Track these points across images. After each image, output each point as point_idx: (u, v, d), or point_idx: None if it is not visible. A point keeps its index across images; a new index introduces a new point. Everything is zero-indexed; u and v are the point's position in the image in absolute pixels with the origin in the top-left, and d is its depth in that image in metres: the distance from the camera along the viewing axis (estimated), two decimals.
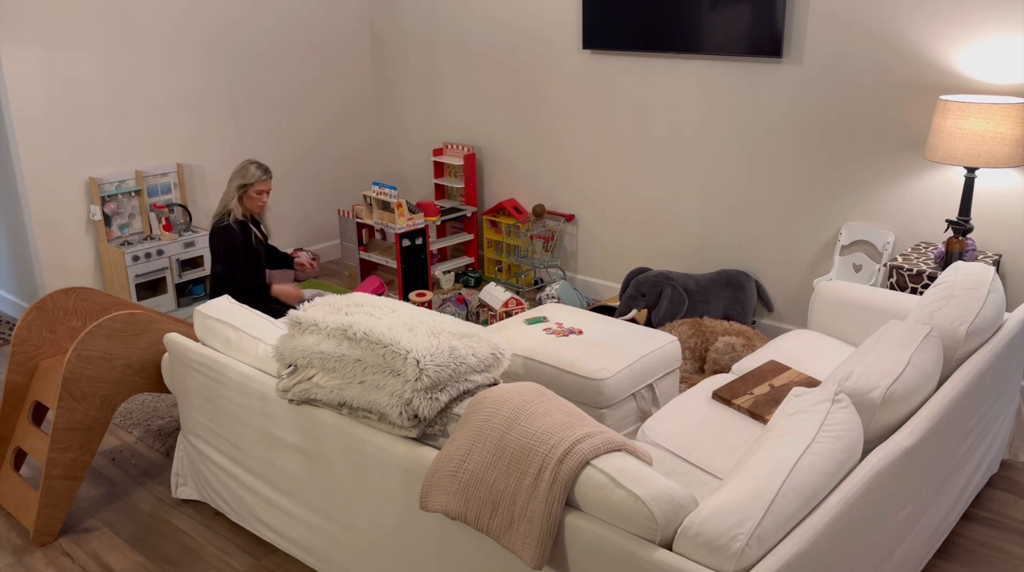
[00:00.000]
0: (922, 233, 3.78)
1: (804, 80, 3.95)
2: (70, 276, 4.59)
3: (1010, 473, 3.20)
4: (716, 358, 3.71)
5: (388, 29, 5.66)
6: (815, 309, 3.37)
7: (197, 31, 4.87)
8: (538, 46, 4.88)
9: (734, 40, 4.06)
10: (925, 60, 3.60)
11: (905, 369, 2.27)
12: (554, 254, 5.11)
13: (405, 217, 4.83)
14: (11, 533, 2.97)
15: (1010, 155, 3.22)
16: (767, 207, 4.22)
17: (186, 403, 2.92)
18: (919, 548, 2.44)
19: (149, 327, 3.02)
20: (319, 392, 2.38)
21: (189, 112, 4.93)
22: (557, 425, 1.97)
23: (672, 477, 2.43)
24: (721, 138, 4.29)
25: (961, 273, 2.84)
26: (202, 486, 3.00)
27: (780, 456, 1.88)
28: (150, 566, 2.79)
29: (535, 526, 1.88)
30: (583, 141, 4.84)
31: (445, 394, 2.21)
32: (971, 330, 2.58)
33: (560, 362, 3.05)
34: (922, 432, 2.21)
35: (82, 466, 2.94)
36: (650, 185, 4.62)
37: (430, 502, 2.07)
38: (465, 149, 5.32)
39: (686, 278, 4.15)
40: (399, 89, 5.74)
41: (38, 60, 4.28)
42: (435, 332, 2.30)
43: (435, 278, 5.18)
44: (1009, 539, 2.84)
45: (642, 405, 3.14)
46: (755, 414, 2.68)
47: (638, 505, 1.78)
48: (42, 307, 3.19)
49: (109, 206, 4.60)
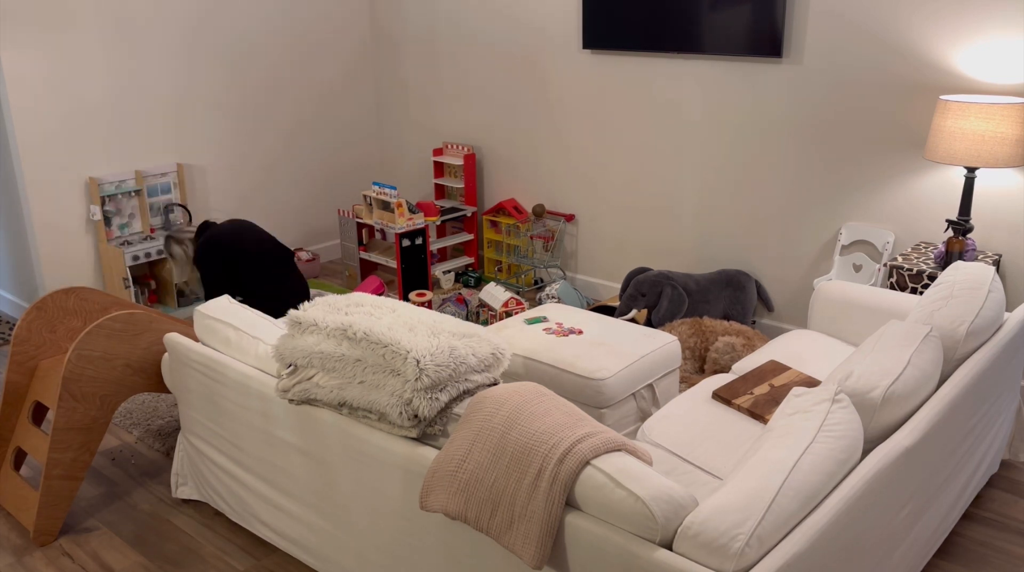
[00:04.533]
0: (922, 233, 3.78)
1: (804, 80, 3.95)
2: (70, 276, 4.59)
3: (1010, 473, 3.20)
4: (716, 358, 3.71)
5: (389, 29, 5.66)
6: (815, 309, 3.37)
7: (197, 31, 4.87)
8: (538, 46, 4.88)
9: (734, 40, 4.06)
10: (925, 60, 3.60)
11: (905, 369, 2.27)
12: (554, 254, 5.11)
13: (405, 217, 4.83)
14: (11, 533, 2.97)
15: (1010, 155, 3.22)
16: (767, 207, 4.22)
17: (186, 403, 2.92)
18: (919, 548, 2.44)
19: (149, 327, 3.02)
20: (319, 392, 2.38)
21: (189, 112, 4.92)
22: (557, 425, 1.97)
23: (672, 477, 2.43)
24: (721, 138, 4.29)
25: (961, 273, 2.84)
26: (202, 486, 3.00)
27: (780, 456, 1.88)
28: (150, 566, 2.79)
29: (535, 526, 1.88)
30: (583, 141, 4.84)
31: (445, 394, 2.21)
32: (971, 330, 2.58)
33: (560, 362, 3.05)
34: (922, 432, 2.21)
35: (82, 466, 2.94)
36: (650, 185, 4.62)
37: (430, 502, 2.07)
38: (465, 149, 5.32)
39: (686, 278, 4.14)
40: (399, 89, 5.74)
41: (38, 60, 4.28)
42: (435, 332, 2.30)
43: (435, 278, 5.18)
44: (1009, 539, 2.84)
45: (642, 405, 3.14)
46: (755, 414, 2.68)
47: (638, 505, 1.78)
48: (42, 307, 3.19)
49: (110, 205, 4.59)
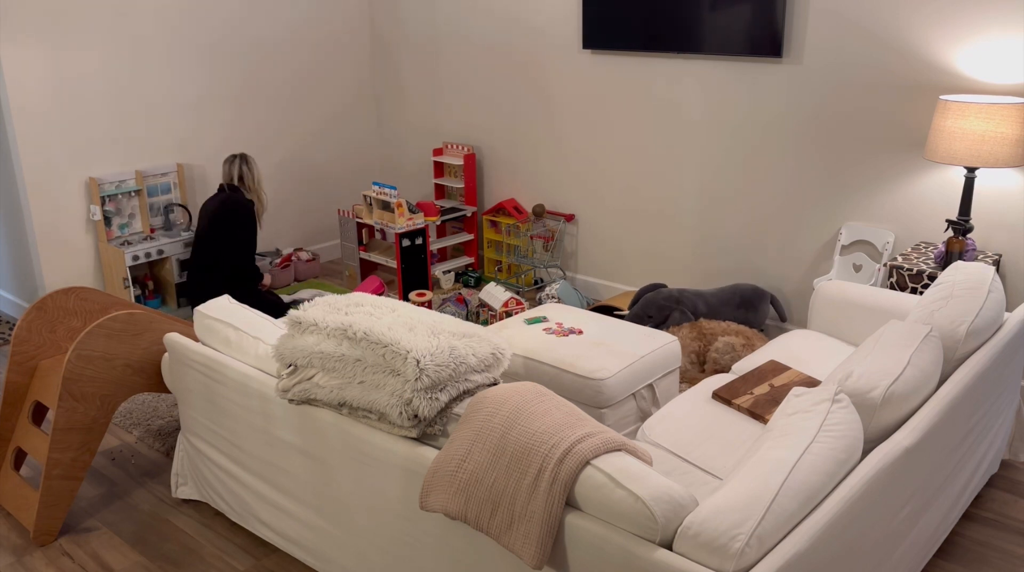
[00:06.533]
0: (922, 233, 3.78)
1: (804, 80, 3.95)
2: (70, 276, 4.59)
3: (1010, 473, 3.20)
4: (716, 358, 3.71)
5: (388, 28, 5.66)
6: (815, 309, 3.37)
7: (197, 31, 4.87)
8: (538, 46, 4.88)
9: (734, 40, 4.06)
10: (925, 60, 3.60)
11: (905, 369, 2.27)
12: (554, 254, 5.11)
13: (405, 217, 4.83)
14: (11, 533, 2.97)
15: (1010, 155, 3.23)
16: (767, 206, 4.22)
17: (186, 403, 2.92)
18: (919, 548, 2.44)
19: (149, 327, 3.02)
20: (319, 392, 2.38)
21: (189, 112, 4.93)
22: (557, 425, 1.97)
23: (672, 477, 2.43)
24: (721, 137, 4.29)
25: (961, 273, 2.84)
26: (202, 486, 3.00)
27: (780, 456, 1.88)
28: (150, 566, 2.79)
29: (535, 526, 1.88)
30: (583, 141, 4.84)
31: (445, 394, 2.21)
32: (971, 330, 2.58)
33: (560, 362, 3.05)
34: (922, 432, 2.21)
35: (82, 466, 2.94)
36: (650, 184, 4.62)
37: (430, 502, 2.07)
38: (465, 149, 5.32)
39: (697, 298, 4.05)
40: (399, 89, 5.74)
41: (38, 60, 4.28)
42: (435, 332, 2.30)
43: (435, 278, 5.18)
44: (1009, 539, 2.84)
45: (642, 405, 3.14)
46: (755, 414, 2.68)
47: (638, 505, 1.78)
48: (42, 307, 3.19)
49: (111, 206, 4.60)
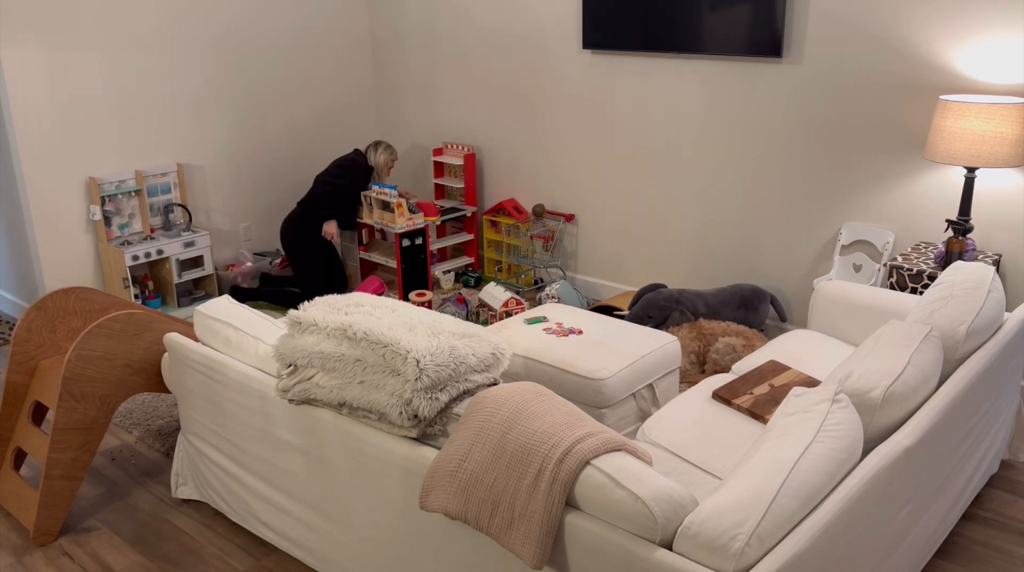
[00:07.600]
0: (922, 233, 3.78)
1: (804, 80, 3.95)
2: (70, 276, 4.59)
3: (1010, 473, 3.20)
4: (716, 358, 3.71)
5: (388, 28, 5.66)
6: (815, 309, 3.37)
7: (198, 31, 4.87)
8: (538, 46, 4.88)
9: (734, 40, 4.06)
10: (925, 60, 3.60)
11: (905, 369, 2.27)
12: (554, 254, 5.11)
13: (405, 217, 4.83)
14: (11, 533, 2.97)
15: (1010, 155, 3.22)
16: (767, 206, 4.22)
17: (186, 403, 2.92)
18: (919, 548, 2.44)
19: (149, 327, 3.02)
20: (319, 392, 2.38)
21: (189, 112, 4.92)
22: (557, 425, 1.97)
23: (672, 477, 2.43)
24: (721, 138, 4.29)
25: (961, 273, 2.84)
26: (202, 486, 3.00)
27: (780, 456, 1.88)
28: (150, 566, 2.79)
29: (535, 526, 1.88)
30: (583, 141, 4.84)
31: (445, 394, 2.21)
32: (971, 330, 2.58)
33: (560, 362, 3.05)
34: (922, 432, 2.21)
35: (82, 466, 2.94)
36: (650, 184, 4.62)
37: (430, 502, 2.07)
38: (465, 149, 5.32)
39: (696, 299, 4.05)
40: (399, 89, 5.74)
41: (38, 60, 4.28)
42: (435, 332, 2.30)
43: (435, 278, 5.18)
44: (1009, 539, 2.84)
45: (642, 405, 3.14)
46: (755, 414, 2.68)
47: (638, 505, 1.78)
48: (42, 307, 3.19)
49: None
